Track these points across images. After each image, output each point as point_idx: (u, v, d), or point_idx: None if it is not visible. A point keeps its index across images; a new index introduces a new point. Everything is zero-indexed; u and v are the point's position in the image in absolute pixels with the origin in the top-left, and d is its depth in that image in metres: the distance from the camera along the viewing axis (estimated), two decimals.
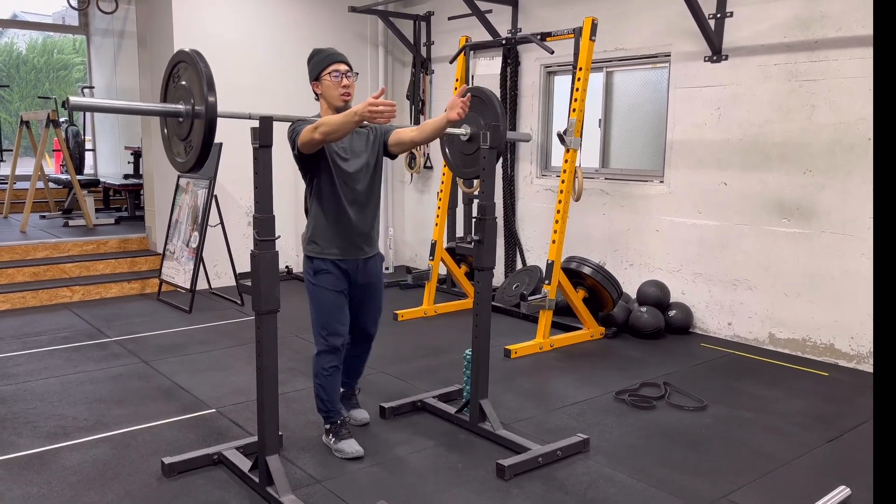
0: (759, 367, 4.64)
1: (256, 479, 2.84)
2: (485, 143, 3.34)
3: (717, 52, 5.16)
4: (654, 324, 5.19)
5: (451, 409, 3.63)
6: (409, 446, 3.33)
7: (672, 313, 5.34)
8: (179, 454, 3.09)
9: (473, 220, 3.42)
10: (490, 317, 3.45)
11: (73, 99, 2.38)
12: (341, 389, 3.65)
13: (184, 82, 2.48)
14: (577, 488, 2.95)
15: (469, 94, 2.91)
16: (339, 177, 3.09)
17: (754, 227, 5.08)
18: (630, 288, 5.70)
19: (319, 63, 3.11)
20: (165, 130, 2.66)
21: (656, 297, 5.37)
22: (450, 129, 3.01)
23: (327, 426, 3.28)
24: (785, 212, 4.91)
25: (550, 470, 3.10)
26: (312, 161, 3.06)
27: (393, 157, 3.26)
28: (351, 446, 3.19)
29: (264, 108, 7.34)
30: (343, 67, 3.09)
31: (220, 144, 5.80)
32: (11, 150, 8.47)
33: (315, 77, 3.13)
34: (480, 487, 2.95)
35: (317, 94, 3.17)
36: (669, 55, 5.49)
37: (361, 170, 3.14)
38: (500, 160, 6.67)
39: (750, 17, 4.96)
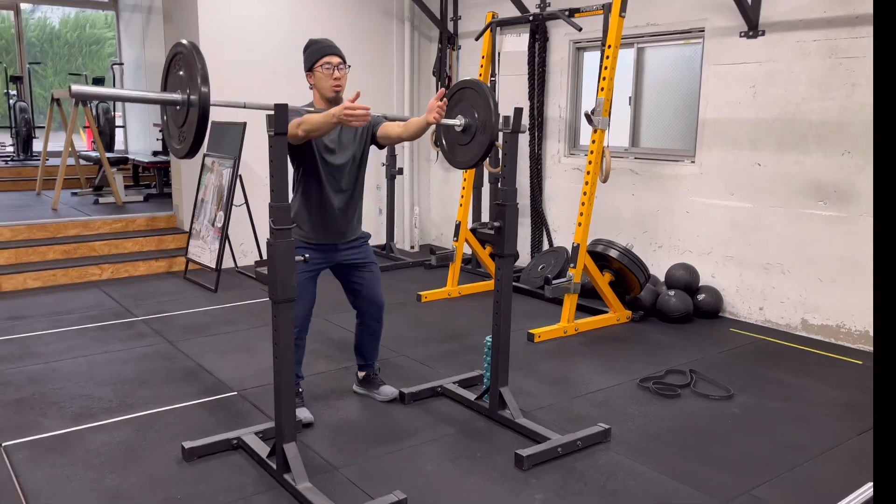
0: (790, 354, 4.53)
1: (274, 466, 2.85)
2: (507, 128, 3.26)
3: (753, 28, 4.97)
4: (683, 308, 5.09)
5: (471, 396, 3.60)
6: (427, 433, 3.31)
7: (701, 297, 5.23)
8: (200, 438, 3.11)
9: (495, 205, 3.35)
10: (511, 305, 3.39)
11: (76, 87, 2.38)
12: (361, 373, 3.73)
13: (181, 72, 2.49)
14: (596, 480, 2.91)
15: (445, 100, 3.01)
16: (325, 168, 3.20)
17: (789, 210, 4.92)
18: (659, 270, 5.59)
19: (313, 55, 3.23)
20: (165, 117, 2.67)
21: (685, 280, 5.26)
22: (445, 121, 3.14)
23: None
24: (821, 194, 4.75)
25: (570, 460, 3.06)
26: (300, 150, 3.14)
27: (380, 147, 3.39)
28: (301, 413, 3.31)
29: (288, 85, 7.30)
30: (335, 60, 3.20)
31: (244, 124, 5.78)
32: (44, 127, 8.56)
33: (308, 68, 3.25)
34: (498, 477, 2.92)
35: (310, 84, 3.27)
36: (703, 30, 5.30)
37: (348, 162, 3.26)
38: (530, 138, 6.56)
39: None
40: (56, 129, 8.56)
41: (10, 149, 10.42)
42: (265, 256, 2.98)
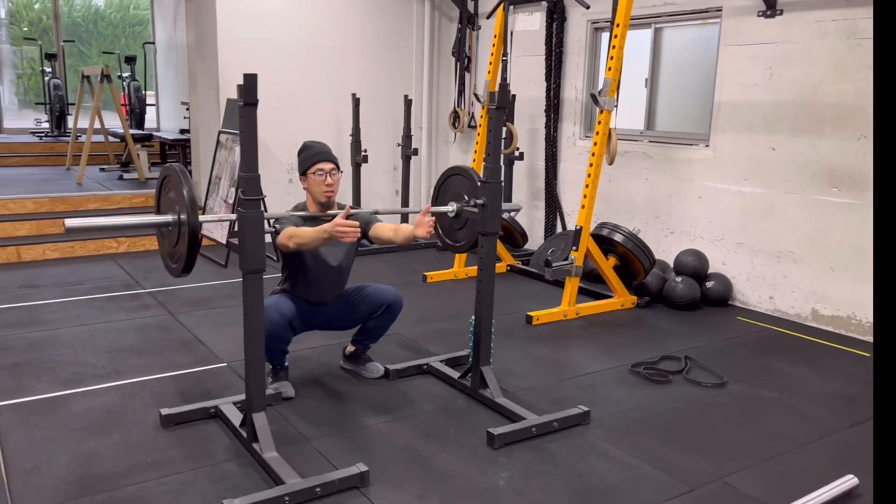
0: (795, 345, 4.40)
1: (245, 435, 2.88)
2: (493, 104, 3.22)
3: (771, 7, 4.81)
4: (689, 295, 4.98)
5: (456, 374, 3.58)
6: (406, 409, 3.31)
7: (710, 284, 5.11)
8: (180, 406, 3.16)
9: (479, 184, 3.31)
10: (493, 283, 3.35)
11: (69, 222, 2.42)
12: (352, 348, 3.76)
13: (171, 194, 2.55)
14: (566, 461, 2.87)
15: (433, 217, 3.09)
16: (314, 266, 3.34)
17: (802, 196, 4.77)
18: (670, 256, 5.48)
19: (306, 161, 3.32)
20: (161, 239, 2.76)
21: (693, 266, 5.15)
22: (436, 208, 3.36)
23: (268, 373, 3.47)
24: (836, 180, 4.58)
25: (544, 441, 3.02)
26: (292, 253, 3.24)
27: (371, 243, 3.55)
28: (283, 387, 3.39)
29: (309, 64, 7.33)
30: (327, 166, 3.28)
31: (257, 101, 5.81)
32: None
33: (302, 172, 3.33)
34: (468, 455, 2.90)
35: (304, 187, 3.36)
36: (721, 10, 5.15)
37: (340, 262, 3.40)
38: (546, 120, 6.48)
39: None
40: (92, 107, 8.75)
41: (46, 125, 10.70)
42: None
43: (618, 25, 4.67)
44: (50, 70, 10.24)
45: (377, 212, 3.35)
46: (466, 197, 3.28)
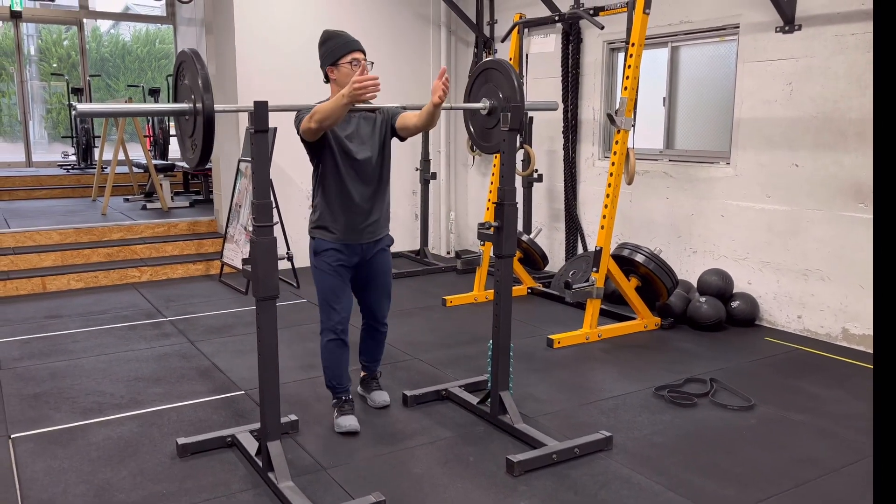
0: (825, 365, 4.28)
1: (261, 464, 2.85)
2: (505, 125, 3.19)
3: (789, 22, 4.75)
4: (714, 315, 4.88)
5: (475, 400, 3.53)
6: (424, 436, 3.25)
7: (735, 304, 5.01)
8: (197, 435, 3.15)
9: (493, 204, 3.28)
10: (511, 307, 3.30)
11: (80, 106, 2.42)
12: (361, 374, 3.70)
13: (186, 81, 2.51)
14: (588, 489, 2.79)
15: (447, 76, 2.90)
16: (344, 163, 3.12)
17: (828, 213, 4.67)
18: (693, 276, 5.39)
19: (338, 49, 3.13)
20: (179, 129, 2.72)
21: (717, 286, 5.04)
22: (469, 105, 3.18)
23: (333, 401, 3.39)
24: (862, 196, 4.48)
25: (565, 468, 2.95)
26: (318, 147, 3.10)
27: (402, 139, 3.27)
28: (346, 421, 3.26)
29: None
30: (361, 56, 3.12)
31: (275, 129, 5.87)
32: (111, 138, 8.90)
33: (332, 62, 3.14)
34: (487, 482, 2.84)
35: (327, 78, 3.19)
36: (738, 27, 5.10)
37: (370, 157, 3.17)
38: (564, 141, 6.45)
39: None
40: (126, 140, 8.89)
41: (73, 157, 10.90)
42: (289, 255, 3.02)
43: (633, 45, 4.65)
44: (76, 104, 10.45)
45: (405, 107, 3.18)
46: (500, 93, 3.09)
